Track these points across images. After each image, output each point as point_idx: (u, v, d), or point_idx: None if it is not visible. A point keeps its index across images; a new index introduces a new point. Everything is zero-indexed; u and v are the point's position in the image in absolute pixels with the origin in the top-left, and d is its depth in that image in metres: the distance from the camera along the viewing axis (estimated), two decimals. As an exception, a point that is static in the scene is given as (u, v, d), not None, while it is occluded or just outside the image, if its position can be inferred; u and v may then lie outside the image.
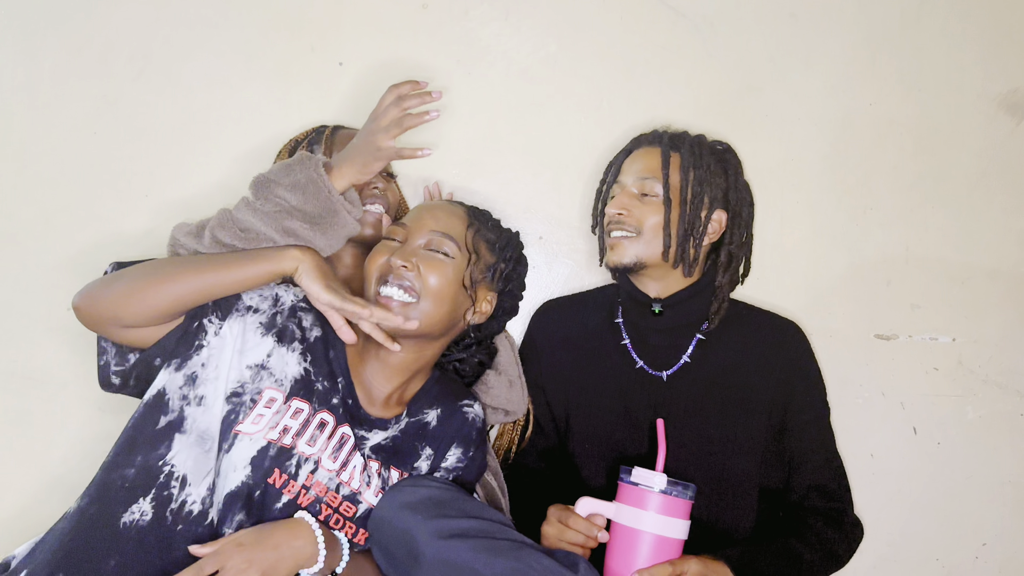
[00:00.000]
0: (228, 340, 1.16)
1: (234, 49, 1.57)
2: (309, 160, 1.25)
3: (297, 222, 1.21)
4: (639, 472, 1.18)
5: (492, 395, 1.41)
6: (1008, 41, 1.67)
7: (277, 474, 1.12)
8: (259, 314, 1.18)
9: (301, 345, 1.20)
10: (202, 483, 1.11)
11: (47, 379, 1.52)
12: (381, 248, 1.26)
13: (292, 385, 1.17)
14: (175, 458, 1.11)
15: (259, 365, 1.16)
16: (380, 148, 1.25)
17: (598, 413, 1.41)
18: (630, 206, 1.36)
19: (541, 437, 1.48)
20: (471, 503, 1.15)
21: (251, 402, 1.13)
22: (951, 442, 1.65)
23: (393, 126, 1.24)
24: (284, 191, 1.22)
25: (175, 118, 1.56)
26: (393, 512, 1.13)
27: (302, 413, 1.16)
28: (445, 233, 1.25)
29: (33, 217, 1.54)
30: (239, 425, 1.12)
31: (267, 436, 1.13)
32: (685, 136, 1.44)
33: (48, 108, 1.54)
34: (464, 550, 1.05)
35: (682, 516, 1.17)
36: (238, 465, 1.10)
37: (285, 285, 1.24)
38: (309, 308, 1.23)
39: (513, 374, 1.43)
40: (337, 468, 1.17)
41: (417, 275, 1.21)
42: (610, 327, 1.44)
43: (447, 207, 1.31)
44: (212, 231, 1.22)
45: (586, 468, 1.40)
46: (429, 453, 1.27)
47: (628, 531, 1.16)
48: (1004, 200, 1.67)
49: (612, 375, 1.41)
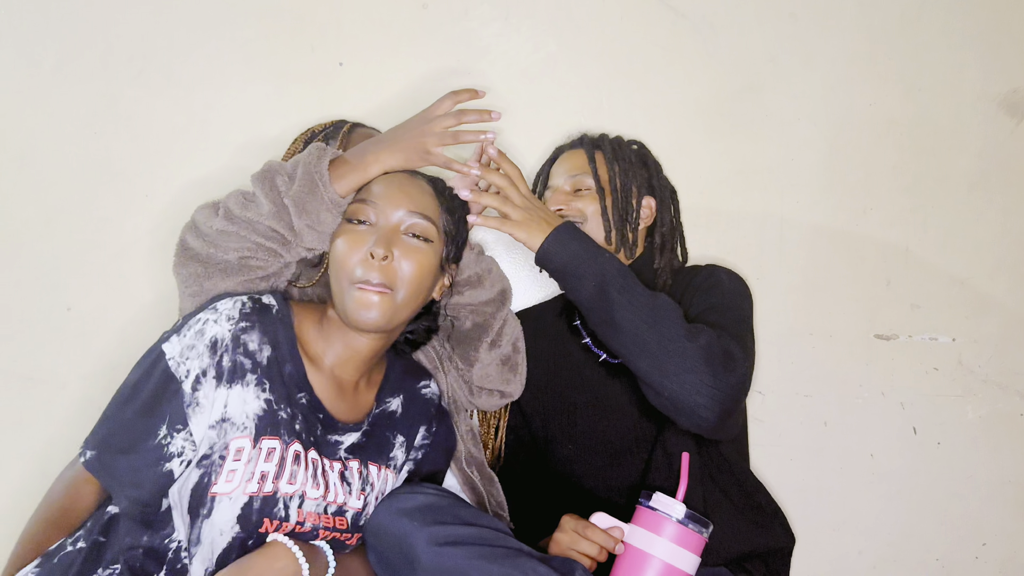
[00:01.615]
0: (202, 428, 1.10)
1: (234, 49, 1.57)
2: (316, 147, 1.25)
3: (290, 200, 1.21)
4: (659, 498, 1.18)
5: (483, 374, 1.40)
6: (1008, 41, 1.67)
7: (267, 523, 1.09)
8: (208, 374, 1.09)
9: (254, 375, 1.11)
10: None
11: (47, 379, 1.52)
12: (351, 238, 1.17)
13: (257, 425, 1.09)
14: (179, 533, 1.09)
15: (220, 420, 1.08)
16: (429, 152, 1.23)
17: (575, 410, 1.43)
18: (567, 201, 1.43)
19: (521, 449, 1.50)
20: (467, 510, 1.14)
21: (220, 459, 1.07)
22: (951, 442, 1.65)
23: (448, 136, 1.23)
24: (284, 172, 1.24)
25: (175, 118, 1.56)
26: (389, 519, 1.12)
27: (275, 452, 1.10)
28: (423, 215, 1.18)
29: (33, 217, 1.54)
30: (214, 487, 1.07)
31: (246, 491, 1.07)
32: (603, 136, 1.52)
33: (48, 108, 1.54)
34: (460, 557, 1.05)
35: (694, 551, 1.16)
36: (224, 528, 1.07)
37: (212, 312, 1.12)
38: (251, 324, 1.12)
39: (508, 351, 1.42)
40: (321, 493, 1.14)
41: (396, 267, 1.15)
42: (569, 330, 1.48)
43: (417, 182, 1.22)
44: (224, 203, 1.24)
45: (578, 466, 1.41)
46: (401, 440, 1.26)
47: (638, 553, 1.16)
48: (1004, 200, 1.67)
49: (579, 372, 1.44)
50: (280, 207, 1.23)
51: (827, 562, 1.65)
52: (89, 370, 1.52)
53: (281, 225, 1.23)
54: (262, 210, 1.23)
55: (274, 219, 1.23)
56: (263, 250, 1.24)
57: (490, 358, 1.40)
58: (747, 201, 1.64)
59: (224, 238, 1.24)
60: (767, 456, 1.63)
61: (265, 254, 1.24)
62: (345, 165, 1.25)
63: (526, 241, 1.29)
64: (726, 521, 1.31)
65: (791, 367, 1.64)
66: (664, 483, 1.32)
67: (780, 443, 1.65)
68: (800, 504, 1.62)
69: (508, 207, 1.30)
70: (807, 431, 1.65)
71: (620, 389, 1.39)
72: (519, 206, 1.31)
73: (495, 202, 1.30)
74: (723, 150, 1.64)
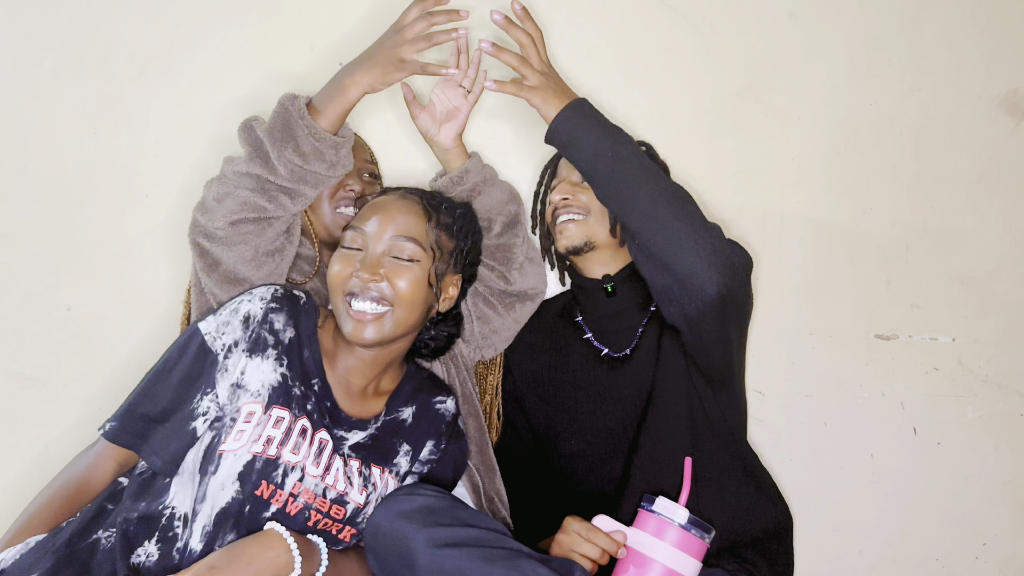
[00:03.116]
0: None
1: (234, 49, 1.57)
2: (288, 93, 1.29)
3: (264, 133, 1.25)
4: (662, 502, 1.18)
5: (522, 274, 1.44)
6: (1008, 41, 1.67)
7: (264, 485, 1.11)
8: (239, 345, 1.16)
9: (275, 350, 1.17)
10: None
11: (47, 379, 1.52)
12: (342, 259, 1.22)
13: (270, 393, 1.15)
14: (174, 500, 1.12)
15: (234, 384, 1.15)
16: (404, 60, 1.23)
17: (578, 405, 1.43)
18: (573, 191, 1.42)
19: (522, 446, 1.50)
20: (467, 511, 1.14)
21: (231, 421, 1.12)
22: (951, 442, 1.65)
23: (420, 40, 1.23)
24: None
25: (175, 118, 1.56)
26: (388, 520, 1.12)
27: (283, 421, 1.14)
28: (407, 237, 1.21)
29: (33, 217, 1.54)
30: (222, 445, 1.11)
31: (251, 450, 1.11)
32: None
33: (48, 108, 1.54)
34: (459, 558, 1.05)
35: (696, 556, 1.16)
36: (226, 483, 1.10)
37: (248, 295, 1.20)
38: (280, 307, 1.20)
39: (528, 249, 1.46)
40: (321, 473, 1.16)
41: (388, 284, 1.19)
42: (571, 326, 1.48)
43: (403, 204, 1.25)
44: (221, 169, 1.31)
45: (579, 461, 1.41)
46: (407, 449, 1.27)
47: (640, 557, 1.16)
48: (1004, 200, 1.67)
49: (582, 368, 1.44)
50: (256, 146, 1.26)
51: (827, 562, 1.65)
52: (89, 370, 1.52)
53: (257, 165, 1.25)
54: (242, 159, 1.27)
55: (250, 162, 1.26)
56: (249, 207, 1.26)
57: (523, 255, 1.43)
58: (747, 201, 1.64)
59: (218, 205, 1.28)
60: (767, 456, 1.62)
61: (251, 210, 1.26)
62: (323, 97, 1.28)
63: (540, 107, 1.28)
64: (722, 503, 1.32)
65: (791, 367, 1.64)
66: (654, 470, 1.33)
67: (780, 443, 1.65)
68: (800, 504, 1.62)
69: (526, 68, 1.29)
70: (807, 431, 1.65)
71: (623, 384, 1.39)
72: (537, 70, 1.29)
73: (514, 60, 1.28)
74: (723, 150, 1.64)
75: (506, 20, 1.27)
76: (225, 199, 1.28)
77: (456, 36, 1.27)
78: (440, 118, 1.40)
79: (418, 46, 1.23)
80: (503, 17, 1.27)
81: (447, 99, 1.40)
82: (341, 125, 1.31)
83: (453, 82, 1.39)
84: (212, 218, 1.28)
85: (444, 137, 1.40)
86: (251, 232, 1.27)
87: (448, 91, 1.40)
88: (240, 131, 1.31)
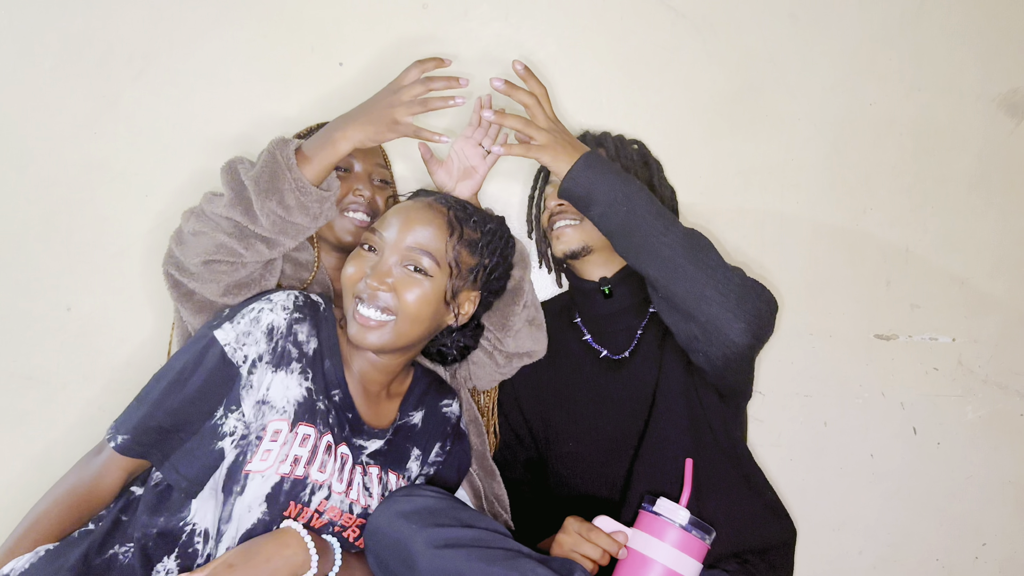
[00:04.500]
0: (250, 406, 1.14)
1: (234, 49, 1.57)
2: (282, 136, 1.25)
3: (249, 180, 1.21)
4: (663, 503, 1.18)
5: (517, 339, 1.39)
6: (1008, 41, 1.67)
7: (292, 506, 1.11)
8: (263, 359, 1.13)
9: (299, 364, 1.15)
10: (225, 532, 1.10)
11: (47, 379, 1.52)
12: (356, 260, 1.20)
13: (296, 410, 1.13)
14: (195, 516, 1.11)
15: (260, 401, 1.12)
16: (398, 122, 1.21)
17: (576, 407, 1.43)
18: None
19: (521, 449, 1.50)
20: (466, 512, 1.14)
21: (256, 439, 1.10)
22: (951, 442, 1.65)
23: (416, 104, 1.21)
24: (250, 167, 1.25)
25: (175, 118, 1.56)
26: (388, 521, 1.12)
27: (309, 439, 1.13)
28: (423, 249, 1.18)
29: (33, 217, 1.53)
30: (248, 465, 1.09)
31: (279, 471, 1.10)
32: (606, 135, 1.51)
33: (48, 108, 1.54)
34: (459, 559, 1.05)
35: (696, 557, 1.16)
36: (252, 505, 1.09)
37: (267, 303, 1.16)
38: (304, 316, 1.17)
39: (532, 311, 1.42)
40: (344, 488, 1.16)
41: (394, 295, 1.16)
42: (570, 328, 1.48)
43: (426, 214, 1.21)
44: (200, 204, 1.27)
45: (578, 464, 1.41)
46: (417, 454, 1.28)
47: (640, 558, 1.16)
48: (1004, 200, 1.67)
49: (580, 369, 1.44)
50: (239, 192, 1.22)
51: (827, 562, 1.65)
52: (89, 370, 1.52)
53: (238, 212, 1.22)
54: (223, 201, 1.23)
55: (231, 206, 1.22)
56: (224, 250, 1.23)
57: (522, 321, 1.39)
58: (747, 201, 1.64)
59: (195, 240, 1.25)
60: (767, 456, 1.63)
61: (226, 255, 1.23)
62: (313, 146, 1.25)
63: (550, 165, 1.25)
64: (726, 516, 1.31)
65: (791, 367, 1.64)
66: (655, 475, 1.33)
67: (780, 443, 1.65)
68: (800, 504, 1.62)
69: (532, 129, 1.25)
70: (807, 431, 1.65)
71: (621, 385, 1.39)
72: (544, 128, 1.25)
73: (519, 124, 1.25)
74: (723, 150, 1.64)
75: (507, 85, 1.24)
76: (201, 237, 1.24)
77: (454, 104, 1.23)
78: (457, 175, 1.38)
79: (413, 110, 1.20)
80: (504, 83, 1.23)
81: (465, 157, 1.38)
82: (327, 176, 1.27)
83: (473, 140, 1.37)
84: (186, 253, 1.25)
85: (460, 193, 1.37)
86: (224, 272, 1.24)
87: (467, 149, 1.38)
88: (223, 172, 1.27)
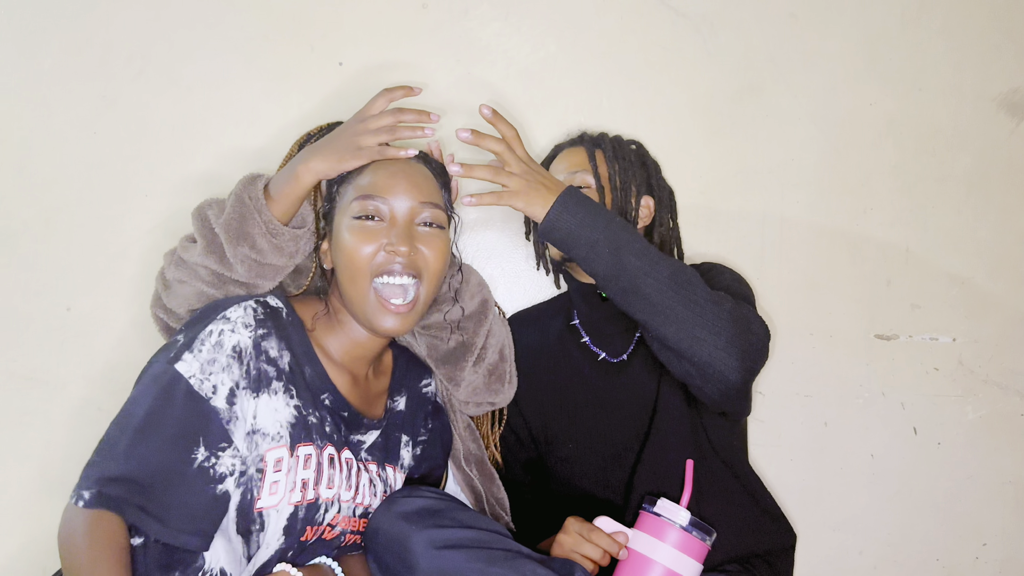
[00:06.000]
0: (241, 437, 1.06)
1: (234, 49, 1.57)
2: (248, 174, 1.22)
3: (220, 228, 1.18)
4: (664, 504, 1.18)
5: (470, 391, 1.35)
6: (1008, 41, 1.67)
7: (309, 531, 1.11)
8: (240, 385, 1.05)
9: (280, 382, 1.09)
10: (242, 570, 1.06)
11: (47, 379, 1.52)
12: (368, 235, 1.13)
13: (291, 432, 1.08)
14: (211, 563, 1.02)
15: (251, 431, 1.05)
16: (361, 147, 1.16)
17: (575, 409, 1.43)
18: None
19: (521, 449, 1.50)
20: (466, 512, 1.14)
21: (257, 472, 1.05)
22: (951, 442, 1.65)
23: (383, 132, 1.17)
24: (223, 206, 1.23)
25: (175, 118, 1.56)
26: (387, 522, 1.12)
27: (312, 458, 1.10)
28: (432, 202, 1.15)
29: (33, 217, 1.54)
30: (258, 502, 1.05)
31: (291, 501, 1.07)
32: (603, 135, 1.51)
33: (48, 108, 1.54)
34: (459, 560, 1.05)
35: (697, 558, 1.16)
36: (271, 541, 1.07)
37: (224, 323, 1.07)
38: (268, 330, 1.09)
39: (494, 360, 1.36)
40: (352, 495, 1.16)
41: (420, 257, 1.14)
42: (568, 329, 1.48)
43: (420, 171, 1.18)
44: (177, 249, 1.24)
45: (578, 466, 1.41)
46: (406, 440, 1.28)
47: (640, 558, 1.16)
48: (1004, 200, 1.67)
49: (579, 372, 1.44)
50: (211, 240, 1.19)
51: (827, 562, 1.65)
52: (89, 370, 1.52)
53: (212, 260, 1.18)
54: (197, 249, 1.20)
55: (205, 255, 1.18)
56: (205, 298, 1.20)
57: (476, 375, 1.34)
58: (747, 201, 1.64)
59: (179, 288, 1.23)
60: (767, 456, 1.63)
61: (209, 303, 1.20)
62: (278, 183, 1.20)
63: (526, 210, 1.19)
64: (726, 523, 1.31)
65: (791, 367, 1.64)
66: (657, 482, 1.33)
67: (780, 443, 1.65)
68: (800, 504, 1.62)
69: (503, 177, 1.19)
70: (807, 431, 1.65)
71: (620, 388, 1.39)
72: (516, 173, 1.19)
73: (488, 175, 1.18)
74: (723, 150, 1.64)
75: (475, 135, 1.17)
76: (183, 286, 1.22)
77: (422, 135, 1.20)
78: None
79: (380, 137, 1.16)
80: (471, 132, 1.17)
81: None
82: (297, 211, 1.22)
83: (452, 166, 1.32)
84: (171, 300, 1.24)
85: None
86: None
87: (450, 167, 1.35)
88: (194, 219, 1.23)
